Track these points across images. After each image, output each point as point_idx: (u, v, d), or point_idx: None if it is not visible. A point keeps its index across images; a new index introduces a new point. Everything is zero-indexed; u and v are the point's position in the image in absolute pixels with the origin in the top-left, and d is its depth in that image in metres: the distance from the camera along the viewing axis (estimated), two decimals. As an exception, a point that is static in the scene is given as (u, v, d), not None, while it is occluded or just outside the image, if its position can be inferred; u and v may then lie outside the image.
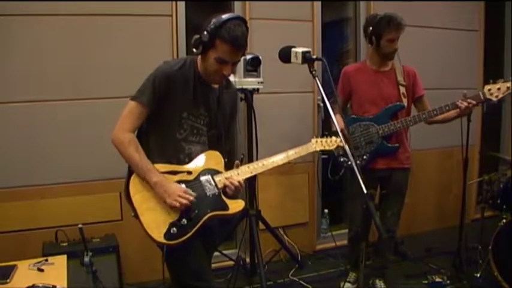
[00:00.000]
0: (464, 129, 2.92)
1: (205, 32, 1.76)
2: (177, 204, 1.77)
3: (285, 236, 3.53)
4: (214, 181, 1.90)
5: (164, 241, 1.77)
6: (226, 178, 1.90)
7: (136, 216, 1.81)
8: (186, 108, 1.90)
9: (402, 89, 2.78)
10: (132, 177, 1.84)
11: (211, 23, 1.76)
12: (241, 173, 1.94)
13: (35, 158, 2.91)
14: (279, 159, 2.00)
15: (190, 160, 1.92)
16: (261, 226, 3.14)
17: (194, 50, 1.81)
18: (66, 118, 2.96)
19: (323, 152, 2.21)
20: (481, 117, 4.30)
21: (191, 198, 1.80)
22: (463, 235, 3.13)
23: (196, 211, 1.83)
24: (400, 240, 3.61)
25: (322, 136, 2.16)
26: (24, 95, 2.85)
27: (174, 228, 1.78)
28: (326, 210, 3.85)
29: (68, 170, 2.98)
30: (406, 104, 2.78)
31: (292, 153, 2.02)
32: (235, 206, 1.91)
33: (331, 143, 2.11)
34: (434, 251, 3.64)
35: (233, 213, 1.90)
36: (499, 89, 2.57)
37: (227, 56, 1.78)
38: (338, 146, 2.12)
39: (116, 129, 1.85)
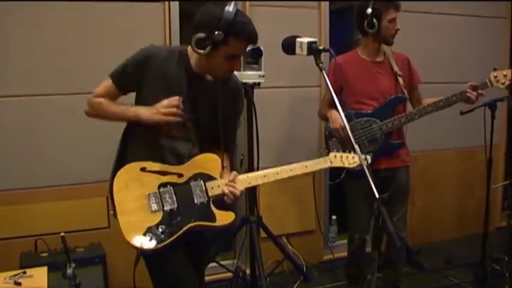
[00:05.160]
0: (488, 126, 2.87)
1: (216, 32, 1.67)
2: (167, 118, 1.74)
3: (288, 245, 3.46)
4: (205, 187, 1.83)
5: (137, 245, 1.73)
6: (226, 184, 1.83)
7: (115, 215, 1.79)
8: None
9: (400, 80, 2.71)
10: (118, 174, 1.80)
11: (221, 20, 1.67)
12: (239, 182, 1.86)
13: (11, 159, 2.82)
14: (284, 172, 1.91)
15: (175, 157, 1.85)
16: (263, 234, 3.01)
17: (201, 51, 1.71)
18: (47, 115, 2.86)
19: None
20: (507, 113, 4.12)
21: (175, 103, 1.73)
22: (487, 244, 3.06)
23: (179, 218, 1.77)
24: (415, 250, 3.55)
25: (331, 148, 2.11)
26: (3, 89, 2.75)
27: (151, 234, 1.74)
28: (334, 217, 3.77)
29: (49, 172, 2.89)
30: (407, 96, 2.72)
31: (300, 166, 1.93)
32: (224, 218, 1.82)
33: (352, 160, 1.97)
34: (455, 263, 3.54)
35: (219, 226, 1.81)
36: (505, 75, 2.51)
37: (240, 51, 1.80)
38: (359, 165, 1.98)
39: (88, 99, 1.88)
